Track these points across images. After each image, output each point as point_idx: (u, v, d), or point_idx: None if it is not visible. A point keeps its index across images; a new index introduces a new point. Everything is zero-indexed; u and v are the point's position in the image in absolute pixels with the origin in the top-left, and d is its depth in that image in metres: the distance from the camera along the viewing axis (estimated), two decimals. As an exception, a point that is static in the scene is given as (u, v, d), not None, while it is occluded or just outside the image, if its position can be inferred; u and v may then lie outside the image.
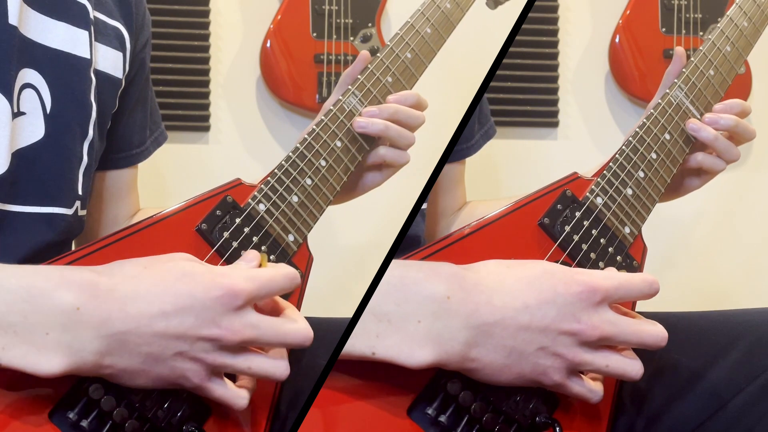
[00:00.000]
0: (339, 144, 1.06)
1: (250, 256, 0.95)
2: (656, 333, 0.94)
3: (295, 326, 0.89)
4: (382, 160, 1.11)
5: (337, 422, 0.93)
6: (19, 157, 1.00)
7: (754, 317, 1.09)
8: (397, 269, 0.91)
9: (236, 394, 0.90)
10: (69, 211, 1.05)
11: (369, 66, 1.11)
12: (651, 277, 0.95)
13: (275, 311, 0.92)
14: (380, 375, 0.92)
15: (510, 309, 0.90)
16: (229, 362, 0.88)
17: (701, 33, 2.46)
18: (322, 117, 1.07)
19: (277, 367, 0.90)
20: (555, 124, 2.48)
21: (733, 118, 1.13)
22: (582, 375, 0.95)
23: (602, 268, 1.01)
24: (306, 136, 1.05)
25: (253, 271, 0.90)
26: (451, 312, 0.89)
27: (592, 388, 0.95)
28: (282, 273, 0.90)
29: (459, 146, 1.35)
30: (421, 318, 0.89)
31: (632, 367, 0.94)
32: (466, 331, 0.90)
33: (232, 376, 0.92)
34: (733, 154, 1.14)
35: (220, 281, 0.87)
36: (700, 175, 1.17)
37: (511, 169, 2.41)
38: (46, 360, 0.83)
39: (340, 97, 1.09)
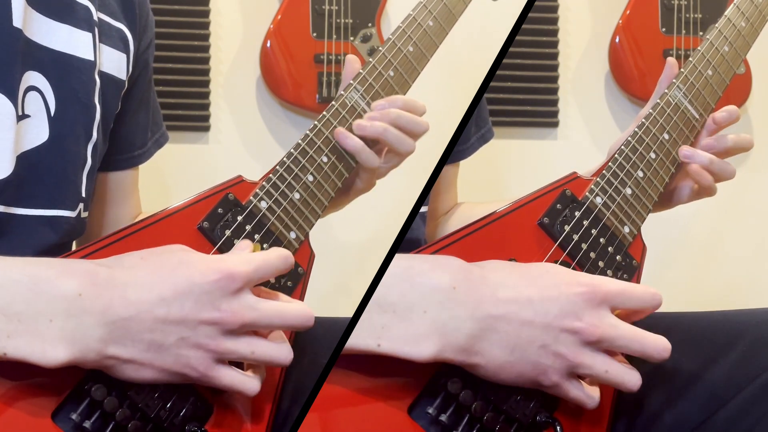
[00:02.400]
0: None
1: (242, 244, 0.96)
2: (659, 343, 0.94)
3: (294, 306, 0.90)
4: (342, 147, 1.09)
5: (338, 421, 0.93)
6: (24, 159, 1.00)
7: (754, 317, 1.09)
8: (402, 261, 0.91)
9: (246, 379, 0.90)
10: (72, 214, 1.05)
11: (371, 60, 1.10)
12: (655, 290, 0.96)
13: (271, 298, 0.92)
14: (381, 374, 0.92)
15: (514, 303, 0.91)
16: (232, 347, 0.88)
17: (701, 33, 2.46)
18: (324, 113, 1.06)
19: (281, 350, 0.90)
20: (555, 124, 2.49)
21: (710, 156, 1.12)
22: (581, 380, 0.95)
23: (602, 267, 1.02)
24: (308, 131, 1.05)
25: (248, 255, 0.91)
26: (457, 302, 0.90)
27: (589, 394, 0.95)
28: (275, 254, 0.91)
29: (455, 148, 1.35)
30: (427, 308, 0.90)
31: (630, 377, 0.95)
32: (471, 323, 0.90)
33: (238, 366, 0.92)
34: (729, 173, 1.14)
35: (217, 266, 0.87)
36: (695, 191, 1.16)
37: (511, 169, 2.41)
38: (50, 348, 0.83)
39: (342, 92, 1.08)
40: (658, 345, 0.94)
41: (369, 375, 0.92)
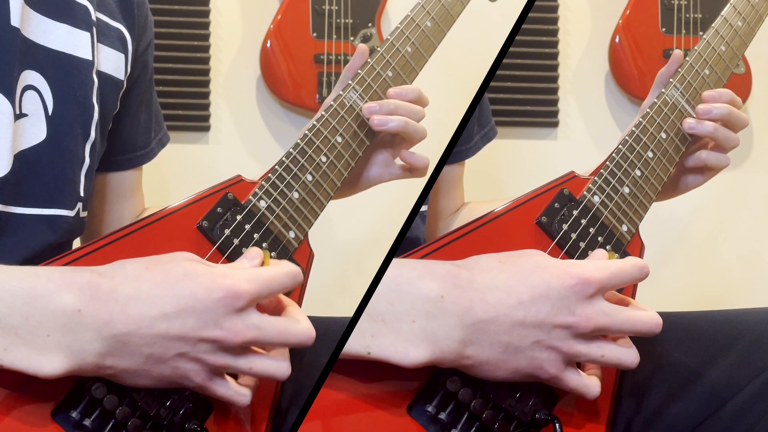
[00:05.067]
0: (339, 140, 1.06)
1: (253, 253, 0.95)
2: (649, 320, 0.94)
3: (297, 326, 0.89)
4: (409, 165, 1.12)
5: (338, 420, 0.93)
6: (21, 158, 1.00)
7: (753, 317, 1.09)
8: (391, 269, 0.91)
9: (238, 392, 0.90)
10: (71, 213, 1.05)
11: (369, 60, 1.11)
12: (641, 262, 0.96)
13: (277, 310, 0.92)
14: (380, 373, 0.92)
15: (504, 306, 0.91)
16: (231, 363, 0.88)
17: (701, 33, 2.46)
18: (323, 113, 1.07)
19: (279, 367, 0.90)
20: (555, 124, 2.49)
21: (725, 106, 1.13)
22: (579, 370, 0.95)
23: (600, 267, 1.02)
24: (306, 131, 1.05)
25: (255, 271, 0.90)
26: (445, 311, 0.90)
27: (588, 383, 0.95)
28: (284, 271, 0.90)
29: (458, 148, 1.35)
30: (416, 317, 0.89)
31: (628, 355, 0.94)
32: (461, 330, 0.90)
33: (234, 374, 0.92)
34: (733, 141, 1.14)
35: (222, 282, 0.86)
36: (704, 172, 1.16)
37: (511, 169, 2.41)
38: (47, 361, 0.83)
39: (341, 93, 1.08)
40: (650, 324, 0.94)
41: (368, 374, 0.93)
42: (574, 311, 0.91)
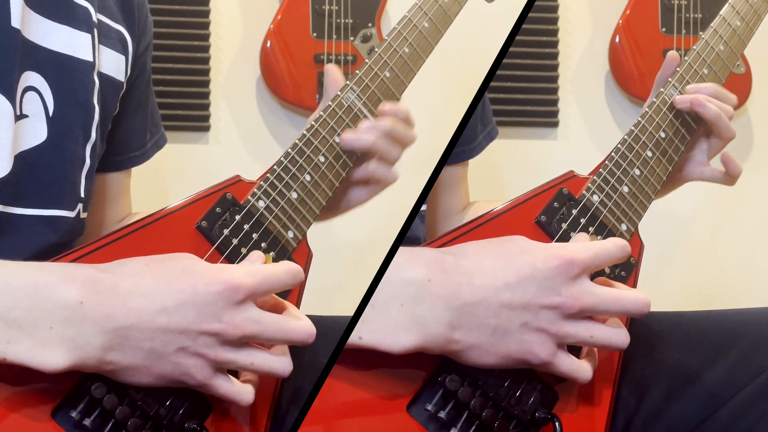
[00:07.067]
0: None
1: (254, 257, 0.96)
2: (638, 299, 0.94)
3: (297, 323, 0.90)
4: (371, 175, 1.11)
5: (338, 420, 0.93)
6: (22, 159, 1.00)
7: (754, 317, 1.09)
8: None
9: (242, 390, 0.91)
10: (71, 214, 1.05)
11: (367, 61, 1.11)
12: (622, 241, 0.96)
13: (276, 309, 0.92)
14: (379, 371, 0.93)
15: (491, 288, 0.91)
16: (232, 357, 0.88)
17: (701, 33, 2.46)
18: (321, 113, 1.07)
19: (281, 362, 0.90)
20: (555, 124, 2.49)
21: (711, 85, 1.13)
22: (571, 355, 0.95)
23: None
24: (304, 132, 1.05)
25: (254, 267, 0.91)
26: (432, 294, 0.90)
27: (580, 367, 0.95)
28: (284, 268, 0.91)
29: (462, 148, 1.36)
30: (404, 301, 0.90)
31: (617, 336, 0.94)
32: (448, 313, 0.90)
33: (235, 373, 0.92)
34: (732, 132, 1.14)
35: (221, 276, 0.87)
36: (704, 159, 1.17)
37: (511, 169, 2.41)
38: (50, 354, 0.84)
39: (338, 93, 1.08)
40: (638, 303, 0.94)
41: (367, 372, 0.93)
42: (560, 292, 0.91)
